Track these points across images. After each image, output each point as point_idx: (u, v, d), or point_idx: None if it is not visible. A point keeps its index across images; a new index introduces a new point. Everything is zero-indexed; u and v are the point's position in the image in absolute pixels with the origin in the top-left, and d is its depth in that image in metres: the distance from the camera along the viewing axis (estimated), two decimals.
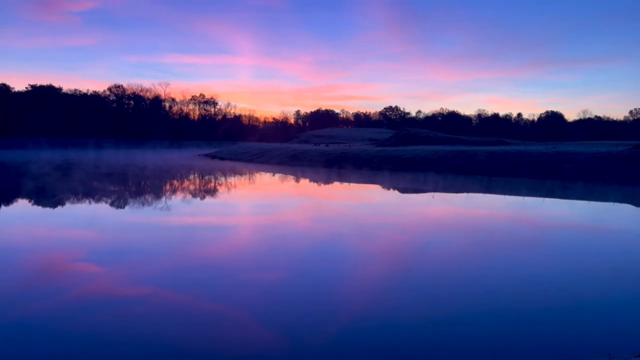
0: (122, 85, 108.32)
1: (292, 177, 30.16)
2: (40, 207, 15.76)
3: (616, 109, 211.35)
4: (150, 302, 6.16)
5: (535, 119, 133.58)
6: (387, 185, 24.48)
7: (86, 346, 4.83)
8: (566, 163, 27.30)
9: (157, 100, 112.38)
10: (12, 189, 21.64)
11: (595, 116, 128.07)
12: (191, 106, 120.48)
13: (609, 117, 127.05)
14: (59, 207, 15.63)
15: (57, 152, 68.01)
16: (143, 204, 16.61)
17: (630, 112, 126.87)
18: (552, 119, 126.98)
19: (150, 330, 5.26)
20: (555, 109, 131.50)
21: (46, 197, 18.43)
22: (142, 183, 25.24)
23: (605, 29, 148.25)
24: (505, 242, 10.31)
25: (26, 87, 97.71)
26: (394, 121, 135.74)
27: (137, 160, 49.30)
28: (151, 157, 55.71)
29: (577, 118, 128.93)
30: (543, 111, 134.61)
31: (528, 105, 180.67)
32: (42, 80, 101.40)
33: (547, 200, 18.57)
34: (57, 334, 5.12)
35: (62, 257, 8.79)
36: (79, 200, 17.62)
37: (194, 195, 20.07)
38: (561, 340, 5.06)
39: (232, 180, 28.91)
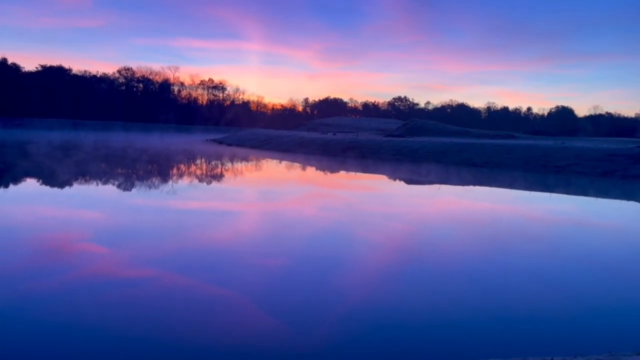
0: (131, 68, 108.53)
1: (299, 165, 30.20)
2: (26, 184, 15.90)
3: (627, 106, 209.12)
4: (142, 285, 6.23)
5: (545, 113, 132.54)
6: (394, 176, 24.43)
7: (88, 329, 4.91)
8: (575, 159, 27.09)
9: (166, 84, 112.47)
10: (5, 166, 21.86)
11: (606, 112, 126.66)
12: (200, 91, 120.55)
13: (620, 114, 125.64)
14: (41, 185, 15.77)
15: (65, 132, 68.38)
16: (139, 187, 16.71)
17: None
18: (562, 114, 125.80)
19: (151, 313, 5.32)
20: (565, 104, 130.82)
21: (36, 175, 18.57)
22: (144, 167, 25.36)
23: (618, 23, 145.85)
24: (508, 237, 10.29)
25: (36, 67, 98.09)
26: (402, 112, 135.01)
27: (145, 143, 49.46)
28: (158, 141, 55.89)
29: (587, 114, 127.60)
30: (553, 106, 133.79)
31: (538, 99, 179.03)
32: (52, 61, 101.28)
33: (554, 195, 18.47)
34: (55, 317, 5.19)
35: (39, 235, 8.88)
36: (67, 179, 17.76)
37: (198, 180, 20.15)
38: (562, 336, 5.07)
39: (239, 166, 28.98)
